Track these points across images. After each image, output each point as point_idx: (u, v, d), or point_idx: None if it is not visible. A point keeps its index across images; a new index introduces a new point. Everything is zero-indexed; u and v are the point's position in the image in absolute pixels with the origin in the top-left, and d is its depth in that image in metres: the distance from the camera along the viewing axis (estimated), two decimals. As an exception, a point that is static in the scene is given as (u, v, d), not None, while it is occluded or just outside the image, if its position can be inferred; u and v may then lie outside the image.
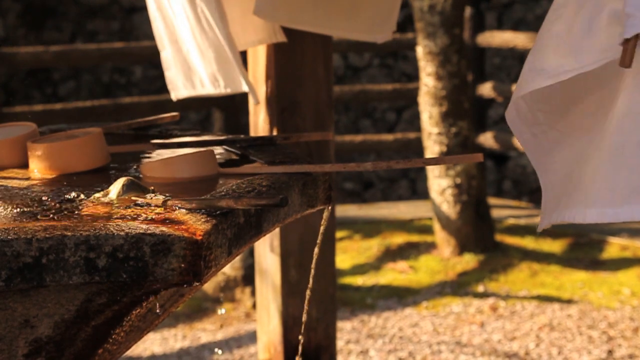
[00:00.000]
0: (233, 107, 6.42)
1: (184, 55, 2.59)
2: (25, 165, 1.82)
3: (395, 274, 5.13)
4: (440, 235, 5.44)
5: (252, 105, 2.71)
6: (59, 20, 8.32)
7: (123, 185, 1.56)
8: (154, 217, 1.41)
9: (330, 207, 1.84)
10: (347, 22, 2.41)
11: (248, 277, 4.60)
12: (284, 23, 2.41)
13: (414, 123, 7.93)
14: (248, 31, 2.50)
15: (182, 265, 1.33)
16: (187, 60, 2.58)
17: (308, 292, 1.92)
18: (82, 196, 1.57)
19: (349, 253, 5.48)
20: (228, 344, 4.27)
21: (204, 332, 4.41)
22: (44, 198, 1.55)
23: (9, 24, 8.18)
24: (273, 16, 2.35)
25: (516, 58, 8.07)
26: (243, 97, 6.22)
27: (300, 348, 2.63)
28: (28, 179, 1.75)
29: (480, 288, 4.89)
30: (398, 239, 5.68)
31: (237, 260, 4.61)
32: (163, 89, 9.21)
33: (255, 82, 2.65)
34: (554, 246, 5.54)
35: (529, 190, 8.04)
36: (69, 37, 8.33)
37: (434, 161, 1.74)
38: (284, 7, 2.32)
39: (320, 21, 2.40)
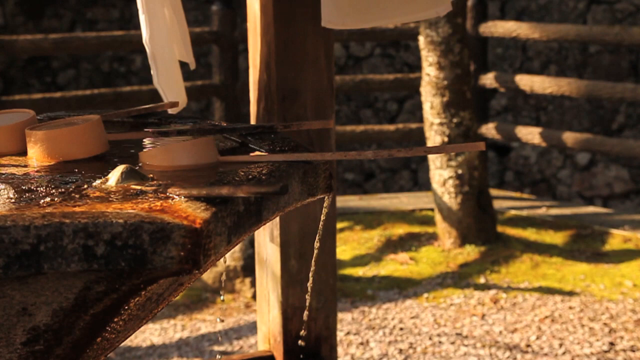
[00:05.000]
0: (233, 96, 6.40)
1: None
2: (23, 153, 1.81)
3: (396, 265, 5.12)
4: (441, 227, 5.43)
5: (253, 94, 2.70)
6: (58, 8, 8.30)
7: (122, 172, 1.55)
8: (153, 205, 1.39)
9: (330, 196, 1.82)
10: (409, 5, 2.37)
11: (248, 268, 4.58)
12: (354, 26, 2.40)
13: (416, 113, 7.92)
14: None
15: (181, 253, 1.32)
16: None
17: (309, 282, 1.90)
18: (80, 184, 1.56)
19: (350, 244, 5.47)
20: (227, 335, 4.26)
21: (204, 322, 4.40)
22: (42, 185, 1.54)
23: (8, 11, 8.15)
24: (343, 23, 2.32)
25: (519, 48, 8.05)
26: (243, 86, 6.22)
27: (300, 339, 2.61)
28: (26, 166, 1.73)
29: (482, 280, 4.88)
30: (399, 230, 5.67)
31: (236, 251, 4.59)
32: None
33: (256, 70, 2.64)
34: (556, 238, 5.52)
35: (531, 181, 8.02)
36: (69, 25, 8.31)
37: (435, 150, 1.71)
38: (351, 11, 2.30)
39: (387, 14, 2.38)
